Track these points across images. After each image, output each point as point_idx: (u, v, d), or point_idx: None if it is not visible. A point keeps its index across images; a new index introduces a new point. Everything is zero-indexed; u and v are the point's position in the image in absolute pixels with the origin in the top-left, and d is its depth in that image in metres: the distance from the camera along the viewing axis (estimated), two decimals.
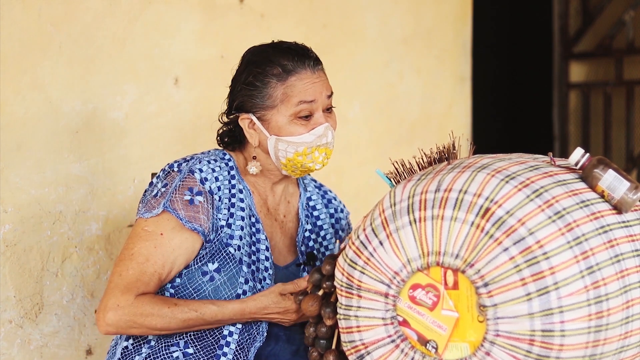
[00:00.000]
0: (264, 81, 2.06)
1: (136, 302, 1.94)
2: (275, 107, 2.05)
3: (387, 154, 3.19)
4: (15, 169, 2.36)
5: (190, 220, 1.99)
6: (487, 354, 1.63)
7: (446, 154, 1.86)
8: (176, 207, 1.99)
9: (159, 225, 1.99)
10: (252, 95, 2.07)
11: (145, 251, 1.98)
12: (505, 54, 5.40)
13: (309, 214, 2.22)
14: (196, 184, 2.02)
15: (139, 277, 1.96)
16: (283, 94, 2.05)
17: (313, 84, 2.06)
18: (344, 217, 2.30)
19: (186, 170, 2.03)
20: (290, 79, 2.05)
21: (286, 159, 2.06)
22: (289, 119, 2.05)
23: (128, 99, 2.62)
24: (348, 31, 3.43)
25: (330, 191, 2.32)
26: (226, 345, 2.01)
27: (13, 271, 2.35)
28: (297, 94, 2.04)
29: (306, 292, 1.95)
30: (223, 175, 2.07)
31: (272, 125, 2.06)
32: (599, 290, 1.59)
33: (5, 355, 2.34)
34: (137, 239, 1.99)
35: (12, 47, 2.35)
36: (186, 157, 2.08)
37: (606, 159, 1.73)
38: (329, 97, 2.09)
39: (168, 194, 2.01)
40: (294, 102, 2.04)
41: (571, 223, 1.61)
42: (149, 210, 2.01)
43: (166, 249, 1.98)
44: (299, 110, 2.04)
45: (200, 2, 2.85)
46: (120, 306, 1.93)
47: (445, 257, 1.65)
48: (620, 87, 4.64)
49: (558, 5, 4.77)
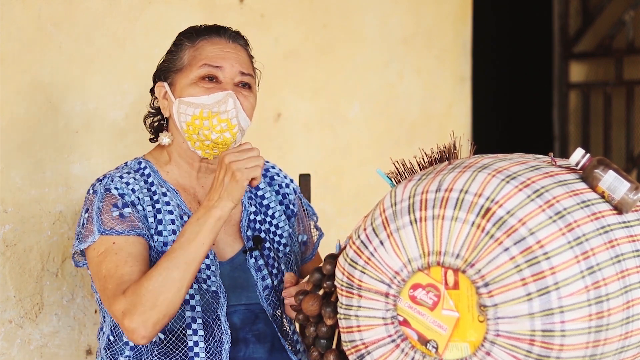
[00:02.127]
0: (177, 45, 2.08)
1: (129, 294, 1.87)
2: (183, 69, 2.04)
3: (387, 154, 3.19)
4: (15, 169, 2.36)
5: (131, 229, 1.95)
6: (488, 353, 1.63)
7: (447, 153, 1.85)
8: (111, 226, 1.95)
9: (105, 242, 1.95)
10: (167, 61, 2.08)
11: (110, 264, 1.93)
12: (505, 54, 5.40)
13: (252, 196, 2.16)
14: (117, 199, 1.98)
15: (120, 282, 1.91)
16: (191, 56, 2.04)
17: (224, 51, 2.04)
18: (291, 191, 2.22)
19: (102, 190, 1.99)
20: (200, 42, 2.05)
21: (186, 123, 2.01)
22: (192, 80, 2.02)
23: (128, 99, 2.62)
24: (348, 31, 3.43)
25: (273, 167, 2.24)
26: (195, 356, 1.97)
27: (13, 271, 2.35)
28: (204, 57, 2.03)
29: (306, 291, 1.95)
30: (139, 185, 2.03)
31: (177, 89, 2.04)
32: (600, 291, 1.59)
33: (5, 355, 2.34)
34: (99, 265, 1.94)
35: (12, 47, 2.35)
36: (99, 178, 2.04)
37: (607, 160, 1.73)
38: (242, 73, 2.04)
39: (94, 218, 1.96)
40: (199, 64, 2.02)
41: (572, 223, 1.61)
42: (83, 240, 1.97)
43: (126, 248, 1.94)
44: (203, 73, 2.01)
45: (200, 2, 2.85)
46: (124, 310, 1.87)
47: (446, 257, 1.65)
48: (620, 87, 4.64)
49: (558, 5, 4.77)
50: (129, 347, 2.01)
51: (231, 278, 2.06)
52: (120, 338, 2.03)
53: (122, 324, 1.88)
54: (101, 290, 1.94)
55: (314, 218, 2.28)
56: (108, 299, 1.91)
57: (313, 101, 3.31)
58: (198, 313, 1.99)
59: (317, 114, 3.33)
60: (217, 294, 2.01)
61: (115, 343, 2.03)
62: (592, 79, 4.82)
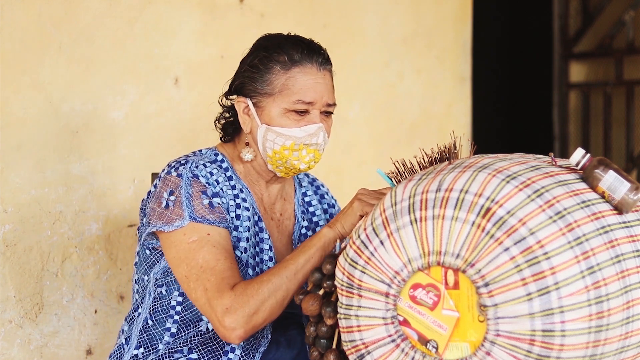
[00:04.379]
0: (267, 65, 2.02)
1: (239, 293, 1.88)
2: (273, 95, 2.01)
3: (387, 154, 3.19)
4: (15, 169, 2.36)
5: (221, 220, 1.96)
6: (488, 353, 1.63)
7: (447, 153, 1.85)
8: (202, 214, 1.95)
9: (198, 230, 1.94)
10: (254, 78, 2.03)
11: (209, 255, 1.92)
12: (505, 54, 5.40)
13: (304, 210, 2.20)
14: (206, 187, 1.98)
15: (223, 276, 1.90)
16: (283, 85, 2.00)
17: (316, 83, 2.02)
18: (335, 211, 2.26)
19: (189, 175, 1.98)
20: (293, 69, 2.01)
21: (272, 150, 2.01)
22: (283, 111, 2.00)
23: (128, 99, 2.62)
24: (348, 31, 3.43)
25: (323, 185, 2.29)
26: (231, 351, 1.99)
27: (13, 271, 2.35)
28: (298, 91, 2.00)
29: (307, 291, 1.95)
30: (221, 177, 2.03)
31: (265, 114, 2.02)
32: (600, 291, 1.59)
33: (5, 355, 2.34)
34: (193, 252, 1.93)
35: (12, 47, 2.35)
36: (180, 161, 2.02)
37: (607, 160, 1.72)
38: (329, 105, 2.04)
39: (184, 202, 1.95)
40: (292, 98, 2.00)
41: (572, 223, 1.61)
42: (168, 222, 1.95)
43: (222, 243, 1.94)
44: (295, 107, 2.00)
45: (200, 2, 2.85)
46: (229, 306, 1.87)
47: (446, 256, 1.65)
48: (620, 87, 4.64)
49: (558, 5, 4.78)
50: (169, 333, 2.01)
51: None
52: (161, 323, 2.02)
53: (220, 319, 1.87)
54: (195, 281, 1.92)
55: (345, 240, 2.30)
56: (208, 291, 1.89)
57: None
58: None
59: None
60: None
61: (154, 327, 2.03)
62: (592, 79, 4.83)
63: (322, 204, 2.25)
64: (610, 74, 4.70)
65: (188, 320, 2.01)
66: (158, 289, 2.03)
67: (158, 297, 2.03)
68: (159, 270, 2.04)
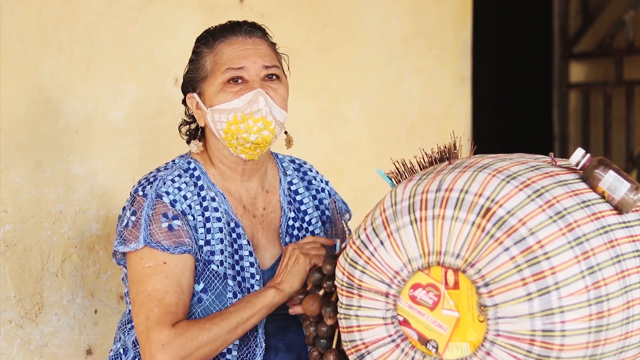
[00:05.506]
0: (197, 53, 2.05)
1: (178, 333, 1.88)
2: (207, 77, 2.01)
3: (387, 154, 3.19)
4: (15, 169, 2.36)
5: (177, 246, 1.94)
6: (488, 353, 1.63)
7: (447, 153, 1.85)
8: (158, 239, 1.93)
9: (155, 256, 1.93)
10: (191, 71, 2.05)
11: (159, 285, 1.91)
12: (505, 54, 5.40)
13: (291, 200, 2.15)
14: (168, 208, 1.96)
15: (167, 310, 1.90)
16: (212, 62, 2.01)
17: (244, 49, 2.01)
18: (326, 195, 2.22)
19: (153, 196, 1.97)
20: (218, 45, 2.02)
21: (223, 131, 1.99)
22: (219, 87, 2.00)
23: (128, 99, 2.62)
24: (348, 31, 3.43)
25: (311, 170, 2.24)
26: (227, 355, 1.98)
27: (13, 271, 2.35)
28: (225, 61, 2.00)
29: (307, 291, 1.95)
30: (190, 191, 2.00)
31: (207, 98, 2.02)
32: (600, 291, 1.59)
33: (5, 355, 2.34)
34: (145, 278, 1.92)
35: (12, 47, 2.35)
36: (148, 178, 2.01)
37: (607, 160, 1.73)
38: (267, 67, 2.02)
39: (142, 225, 1.94)
40: (222, 70, 1.99)
41: (572, 223, 1.61)
42: (124, 243, 1.95)
43: (177, 274, 1.93)
44: (228, 77, 1.99)
45: (200, 2, 2.85)
46: (165, 344, 1.87)
47: (446, 256, 1.65)
48: (620, 87, 4.64)
49: (558, 5, 4.77)
50: None
51: None
52: None
53: (152, 353, 1.87)
54: (140, 306, 1.92)
55: (346, 216, 2.27)
56: (149, 321, 1.89)
57: (313, 101, 3.31)
58: None
59: (317, 114, 3.33)
60: None
61: None
62: (592, 79, 4.82)
63: (310, 190, 2.20)
64: (610, 74, 4.70)
65: None
66: None
67: None
68: None
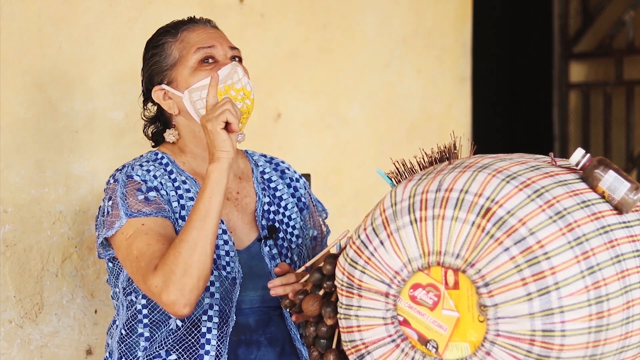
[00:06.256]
0: (160, 46, 2.08)
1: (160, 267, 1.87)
2: (177, 63, 2.05)
3: (387, 154, 3.19)
4: (15, 169, 2.36)
5: (158, 211, 1.96)
6: (488, 353, 1.63)
7: (447, 153, 1.85)
8: (138, 208, 1.95)
9: (133, 224, 1.94)
10: (155, 63, 2.08)
11: (141, 244, 1.92)
12: (505, 54, 5.40)
13: (265, 187, 2.17)
14: (140, 184, 1.99)
15: (151, 259, 1.90)
16: (180, 48, 2.05)
17: (208, 32, 2.07)
18: (301, 185, 2.24)
19: (123, 178, 2.00)
20: (182, 32, 2.07)
21: (205, 108, 1.99)
22: (192, 68, 2.03)
23: (128, 99, 2.62)
24: (348, 31, 3.43)
25: (283, 162, 2.26)
26: (207, 343, 1.98)
27: (13, 271, 2.35)
28: (194, 42, 2.05)
29: (307, 291, 1.95)
30: (160, 173, 2.03)
31: (180, 82, 2.04)
32: (600, 291, 1.59)
33: (5, 355, 2.34)
34: (130, 247, 1.93)
35: (12, 47, 2.35)
36: (118, 168, 2.05)
37: (607, 160, 1.73)
38: (232, 48, 2.07)
39: (119, 203, 1.96)
40: (193, 50, 2.03)
41: (572, 223, 1.61)
42: (110, 227, 1.96)
43: (155, 229, 1.94)
44: (201, 56, 2.03)
45: (200, 2, 2.85)
46: (159, 284, 1.86)
47: (446, 256, 1.65)
48: (620, 87, 4.64)
49: (558, 5, 4.77)
50: (143, 339, 2.02)
51: (248, 267, 2.07)
52: (133, 331, 2.03)
53: (160, 300, 1.87)
54: (134, 272, 1.93)
55: (323, 215, 2.30)
56: (142, 278, 1.90)
57: (313, 101, 3.31)
58: (216, 300, 2.00)
59: (317, 114, 3.33)
60: (235, 281, 2.02)
61: (128, 336, 2.04)
62: (592, 79, 4.82)
63: (284, 179, 2.22)
64: (610, 74, 4.70)
65: (157, 321, 2.02)
66: (127, 297, 2.04)
67: (129, 305, 2.04)
68: (124, 279, 2.05)
